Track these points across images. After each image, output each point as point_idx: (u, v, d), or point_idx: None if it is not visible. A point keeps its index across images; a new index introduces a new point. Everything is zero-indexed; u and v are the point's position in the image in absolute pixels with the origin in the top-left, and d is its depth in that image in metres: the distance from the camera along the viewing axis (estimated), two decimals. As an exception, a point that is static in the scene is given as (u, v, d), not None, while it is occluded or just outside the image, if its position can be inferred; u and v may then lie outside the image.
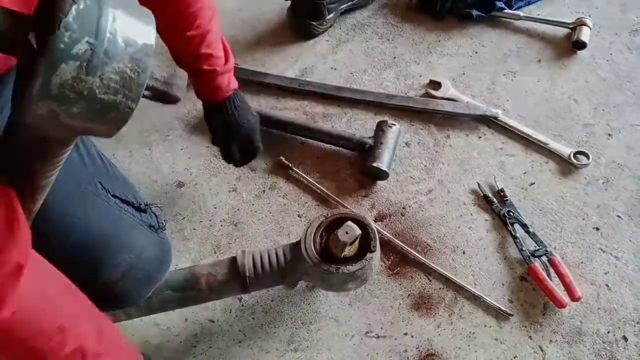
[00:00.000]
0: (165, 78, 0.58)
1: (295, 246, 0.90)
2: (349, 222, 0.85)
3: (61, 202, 0.78)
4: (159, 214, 0.96)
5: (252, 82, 1.33)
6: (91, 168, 0.87)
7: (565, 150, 1.18)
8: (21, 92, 0.50)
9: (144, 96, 0.59)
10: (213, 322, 1.01)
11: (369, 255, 0.85)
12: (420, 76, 1.34)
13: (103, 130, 0.54)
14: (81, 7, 0.45)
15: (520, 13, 1.41)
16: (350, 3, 1.45)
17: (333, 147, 1.22)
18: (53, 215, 0.78)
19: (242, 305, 1.03)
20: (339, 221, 0.89)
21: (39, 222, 0.65)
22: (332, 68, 1.38)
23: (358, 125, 1.27)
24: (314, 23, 1.41)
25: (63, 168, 0.64)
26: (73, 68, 0.46)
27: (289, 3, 1.43)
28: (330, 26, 1.45)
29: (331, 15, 1.42)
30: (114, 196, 0.87)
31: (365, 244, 0.86)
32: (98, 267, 0.76)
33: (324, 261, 0.85)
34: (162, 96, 0.60)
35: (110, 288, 0.77)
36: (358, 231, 0.83)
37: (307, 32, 1.43)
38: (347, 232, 0.84)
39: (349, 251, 0.85)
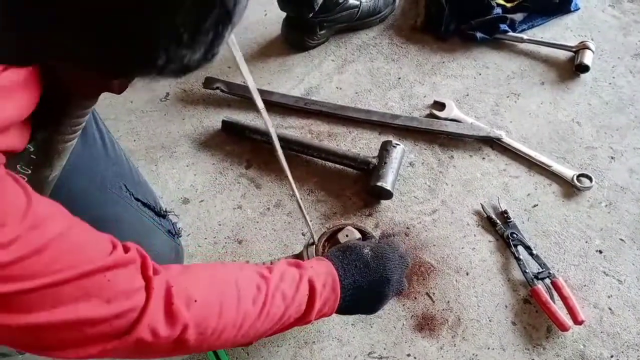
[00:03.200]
0: None
1: (296, 257, 0.91)
2: (350, 227, 0.86)
3: (85, 199, 0.80)
4: (176, 221, 0.99)
5: (258, 101, 1.35)
6: (117, 169, 0.91)
7: (569, 172, 1.18)
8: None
9: None
10: (216, 340, 1.01)
11: None
12: (425, 97, 1.36)
13: (118, 81, 0.57)
14: None
15: (524, 36, 1.43)
16: (347, 24, 1.47)
17: (338, 166, 1.23)
18: (74, 211, 0.80)
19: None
20: (340, 231, 0.91)
21: None
22: (337, 87, 1.39)
23: (362, 144, 1.28)
24: (306, 37, 1.43)
25: (90, 164, 0.66)
26: None
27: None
28: (324, 42, 1.47)
29: (324, 32, 1.44)
30: (137, 199, 0.90)
31: None
32: None
33: None
34: None
35: None
36: (358, 235, 0.85)
37: (300, 45, 1.46)
38: (347, 235, 0.85)
39: None
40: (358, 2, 1.44)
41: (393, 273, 0.84)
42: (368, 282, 0.81)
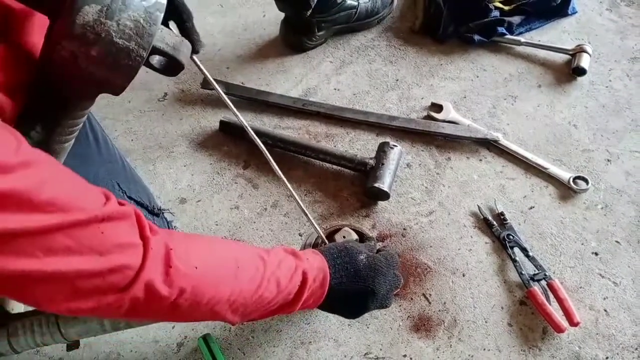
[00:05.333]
0: (175, 44, 0.63)
1: None
2: (347, 228, 0.87)
3: None
4: (171, 219, 0.99)
5: (257, 101, 1.35)
6: (110, 167, 0.91)
7: (565, 175, 1.19)
8: (47, 36, 0.56)
9: (151, 67, 0.63)
10: (212, 340, 1.01)
11: None
12: (422, 99, 1.36)
13: (115, 80, 0.58)
14: None
15: (521, 39, 1.43)
16: (345, 25, 1.48)
17: (335, 167, 1.23)
18: None
19: (242, 324, 1.03)
20: (338, 232, 0.91)
21: None
22: (335, 89, 1.40)
23: (360, 145, 1.28)
24: (305, 38, 1.44)
25: (82, 163, 0.66)
26: (95, 10, 0.52)
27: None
28: (322, 43, 1.48)
29: (322, 32, 1.45)
30: (130, 197, 0.90)
31: None
32: None
33: None
34: (169, 63, 0.64)
35: None
36: (355, 236, 0.85)
37: (298, 46, 1.47)
38: (344, 237, 0.86)
39: None
40: (356, 3, 1.45)
41: (381, 287, 0.84)
42: (353, 288, 0.82)
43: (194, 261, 0.63)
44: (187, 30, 0.75)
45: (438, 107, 1.32)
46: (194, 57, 0.75)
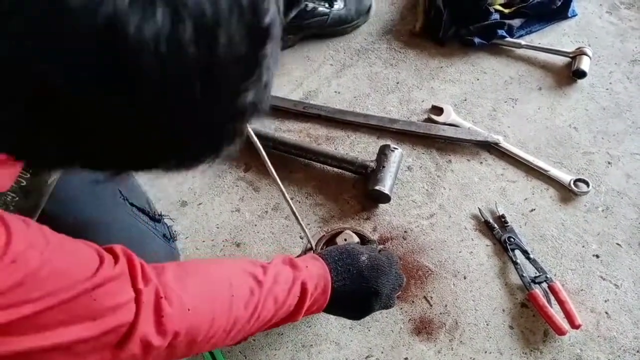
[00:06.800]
0: None
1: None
2: (348, 231, 0.87)
3: (80, 203, 0.81)
4: (171, 225, 0.99)
5: (257, 104, 1.35)
6: None
7: (566, 177, 1.19)
8: None
9: None
10: (213, 342, 1.01)
11: None
12: (423, 101, 1.36)
13: None
14: None
15: (522, 41, 1.44)
16: (317, 31, 1.47)
17: (336, 169, 1.23)
18: (70, 217, 0.80)
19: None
20: (340, 235, 0.92)
21: (56, 220, 0.66)
22: (336, 92, 1.40)
23: (361, 148, 1.28)
24: None
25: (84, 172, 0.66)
26: None
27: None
28: (290, 46, 1.47)
29: (291, 36, 1.44)
30: (132, 204, 0.90)
31: None
32: None
33: None
34: None
35: None
36: (356, 239, 0.85)
37: None
38: (345, 239, 0.86)
39: None
40: (328, 10, 1.45)
41: (384, 287, 0.84)
42: (357, 290, 0.82)
43: (187, 304, 0.63)
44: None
45: (438, 110, 1.32)
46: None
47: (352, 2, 1.48)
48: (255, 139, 0.83)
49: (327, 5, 1.45)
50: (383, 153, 1.19)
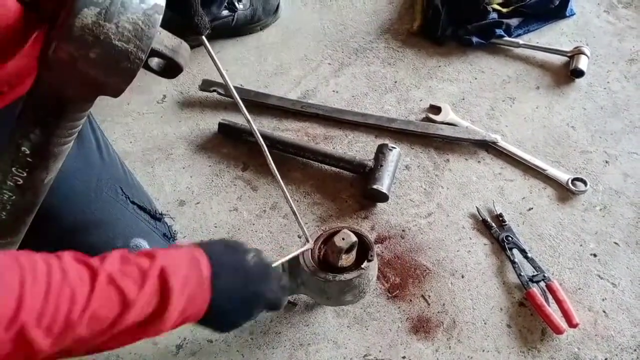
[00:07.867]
0: (173, 46, 0.63)
1: (292, 260, 0.91)
2: (346, 230, 0.87)
3: (81, 200, 0.80)
4: (171, 224, 0.99)
5: (255, 103, 1.35)
6: (112, 172, 0.91)
7: (563, 176, 1.19)
8: (45, 39, 0.55)
9: (150, 69, 0.63)
10: (211, 342, 1.01)
11: (365, 263, 0.87)
12: (421, 100, 1.36)
13: (115, 83, 0.58)
14: None
15: (520, 41, 1.44)
16: (224, 31, 1.49)
17: (334, 168, 1.23)
18: (71, 215, 0.80)
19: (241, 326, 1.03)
20: (337, 233, 0.92)
21: (57, 219, 0.66)
22: (334, 91, 1.40)
23: (359, 147, 1.28)
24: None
25: (86, 168, 0.66)
26: (93, 13, 0.52)
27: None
28: (197, 45, 1.46)
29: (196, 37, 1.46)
30: (132, 202, 0.90)
31: (362, 256, 0.89)
32: None
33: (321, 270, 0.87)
34: (168, 65, 0.64)
35: None
36: (354, 238, 0.85)
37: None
38: (343, 239, 0.86)
39: (346, 260, 0.87)
40: (232, 13, 1.47)
41: (270, 292, 0.74)
42: (245, 291, 0.70)
43: None
44: (189, 16, 0.67)
45: (436, 109, 1.33)
46: (204, 38, 0.74)
47: (259, 2, 1.51)
48: (259, 135, 0.82)
49: (228, 10, 1.48)
50: (381, 152, 1.19)
